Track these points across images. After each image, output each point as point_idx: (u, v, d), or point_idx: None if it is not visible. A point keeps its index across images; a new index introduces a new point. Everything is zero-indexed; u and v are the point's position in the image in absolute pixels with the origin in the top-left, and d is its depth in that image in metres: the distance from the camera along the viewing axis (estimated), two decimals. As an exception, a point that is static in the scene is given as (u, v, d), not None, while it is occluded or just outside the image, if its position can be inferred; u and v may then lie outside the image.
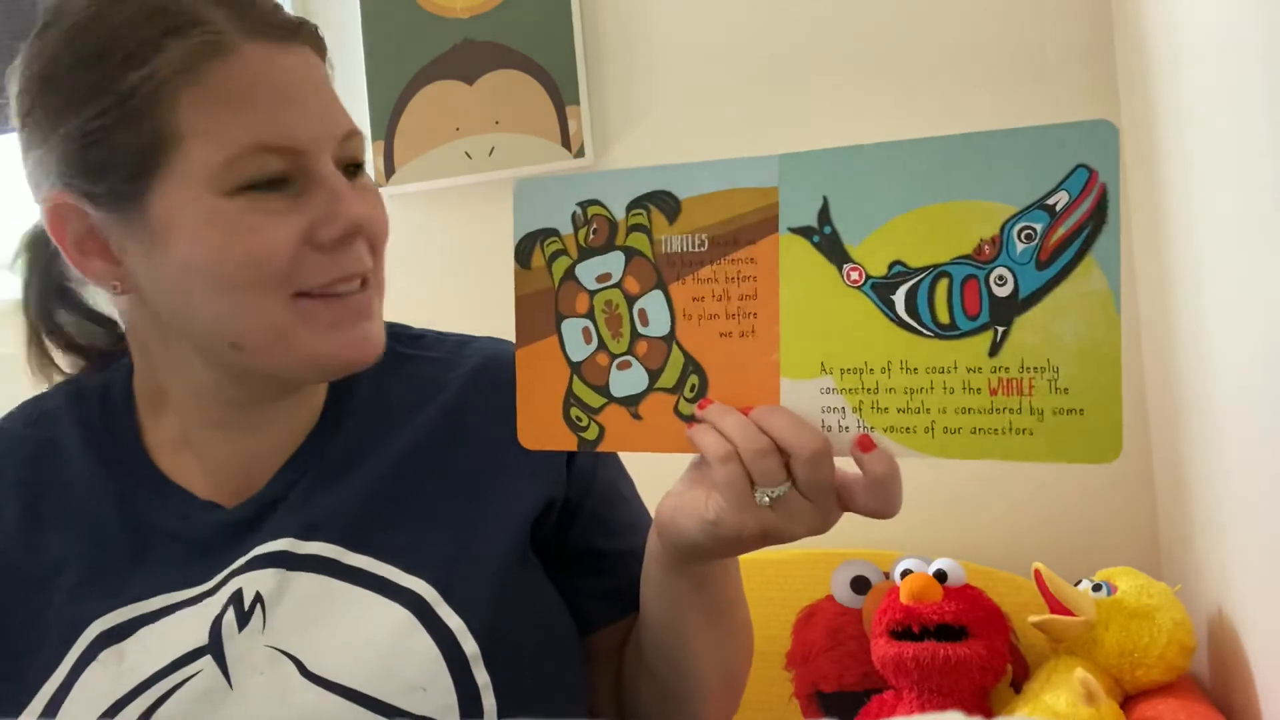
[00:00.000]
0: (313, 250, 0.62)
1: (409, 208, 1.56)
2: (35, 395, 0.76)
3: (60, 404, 0.73)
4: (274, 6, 0.64)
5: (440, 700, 0.61)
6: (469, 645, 0.63)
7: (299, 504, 0.67)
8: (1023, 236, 0.56)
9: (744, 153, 0.62)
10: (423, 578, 0.64)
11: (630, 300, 0.65)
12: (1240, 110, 0.89)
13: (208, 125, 0.60)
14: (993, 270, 0.57)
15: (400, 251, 0.70)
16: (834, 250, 0.60)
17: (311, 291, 0.63)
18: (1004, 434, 0.57)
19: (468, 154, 1.52)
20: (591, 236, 0.65)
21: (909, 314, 0.59)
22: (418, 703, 0.60)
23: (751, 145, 0.63)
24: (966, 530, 1.38)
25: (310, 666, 0.61)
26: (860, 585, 1.26)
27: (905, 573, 1.21)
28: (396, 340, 0.75)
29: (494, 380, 0.72)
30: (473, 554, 0.66)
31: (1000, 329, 0.57)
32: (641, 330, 0.64)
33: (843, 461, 0.60)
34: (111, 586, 0.65)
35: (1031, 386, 0.56)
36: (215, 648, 0.62)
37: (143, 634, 0.63)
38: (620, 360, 0.65)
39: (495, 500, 0.69)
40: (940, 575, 1.20)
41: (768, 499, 0.58)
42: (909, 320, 0.59)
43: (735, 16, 1.47)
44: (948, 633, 1.15)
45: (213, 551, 0.66)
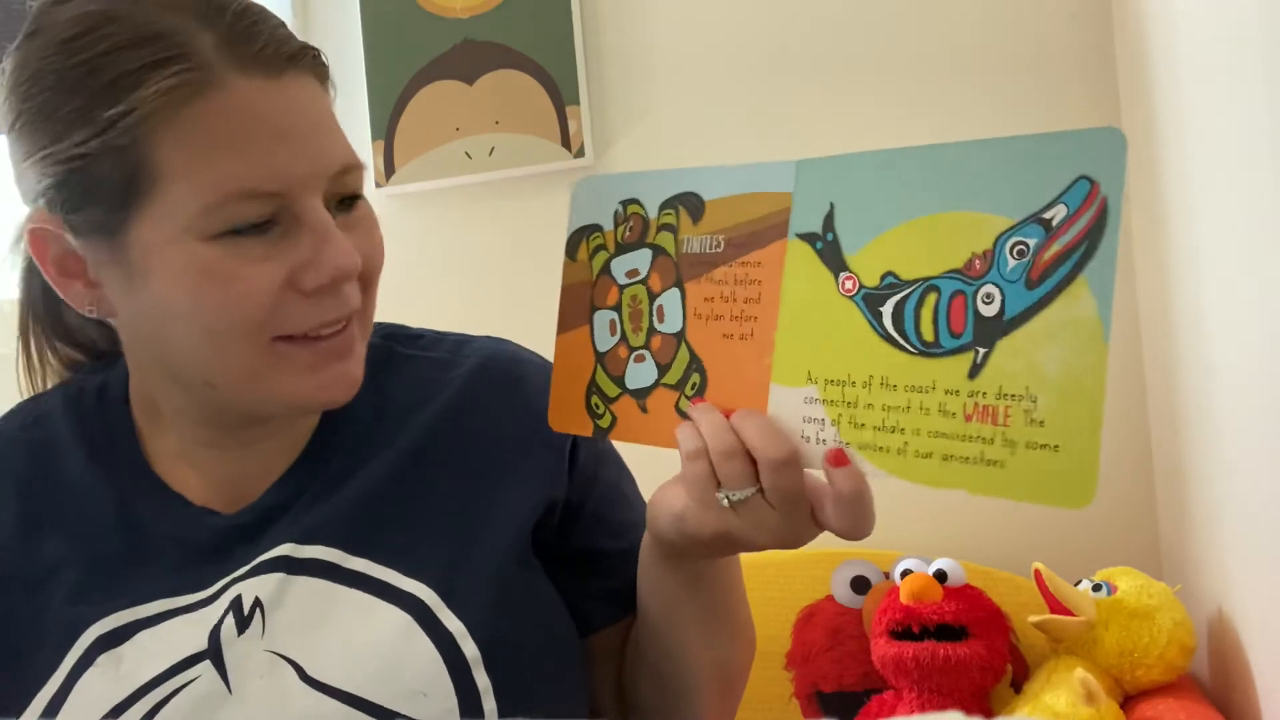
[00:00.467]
0: (295, 295, 0.60)
1: (409, 208, 1.56)
2: (32, 396, 0.75)
3: (58, 406, 0.72)
4: (272, 31, 0.60)
5: (441, 704, 0.61)
6: (469, 648, 0.62)
7: (299, 510, 0.67)
8: (1015, 252, 0.52)
9: (744, 153, 0.62)
10: (423, 581, 0.64)
11: (652, 296, 0.65)
12: (1240, 111, 0.89)
13: (187, 167, 0.57)
14: (981, 287, 0.53)
15: (400, 251, 0.70)
16: (833, 258, 0.58)
17: (293, 335, 0.61)
18: (974, 464, 0.52)
19: (468, 154, 1.52)
20: (628, 233, 0.66)
21: (895, 328, 0.55)
22: (418, 707, 0.60)
23: (751, 145, 0.63)
24: (966, 530, 1.38)
25: (310, 671, 0.61)
26: (860, 585, 1.26)
27: (905, 573, 1.21)
28: (395, 341, 0.74)
29: (493, 380, 0.72)
30: (473, 557, 0.66)
31: (982, 350, 0.52)
32: (658, 326, 0.65)
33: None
34: (109, 590, 0.64)
35: (1008, 415, 0.51)
36: (214, 653, 0.62)
37: (140, 638, 0.63)
38: (637, 353, 0.65)
39: (495, 502, 0.68)
40: (940, 575, 1.20)
41: (728, 500, 0.58)
42: (894, 335, 0.55)
43: (735, 17, 1.47)
44: (948, 633, 1.15)
45: (211, 558, 0.66)
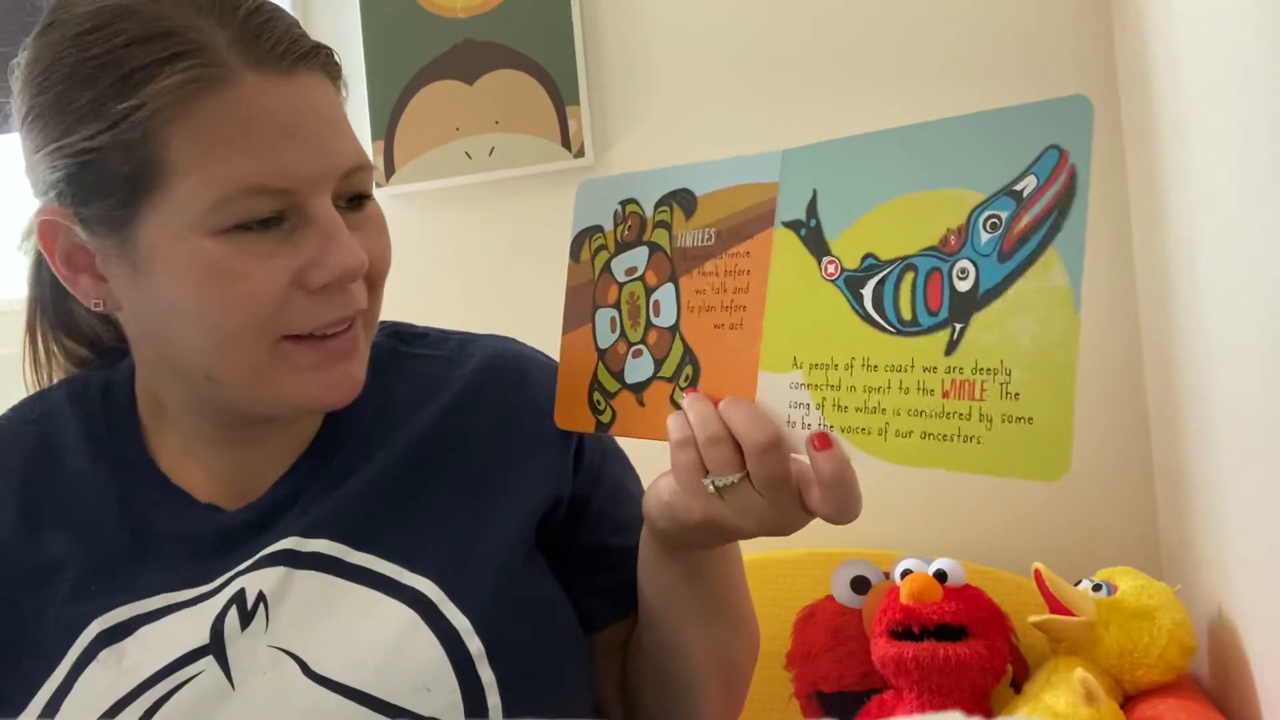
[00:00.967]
0: (302, 293, 0.60)
1: (409, 208, 1.56)
2: (37, 392, 0.75)
3: (62, 402, 0.72)
4: (286, 30, 0.60)
5: (445, 699, 0.61)
6: (473, 644, 0.62)
7: (303, 505, 0.67)
8: (988, 226, 0.51)
9: (744, 153, 0.63)
10: (427, 576, 0.64)
11: (649, 292, 0.66)
12: (1240, 110, 0.89)
13: (197, 162, 0.57)
14: (957, 262, 0.52)
15: (400, 251, 0.70)
16: (816, 243, 0.58)
17: (298, 334, 0.61)
18: (952, 441, 0.52)
19: (468, 154, 1.52)
20: (626, 232, 0.67)
21: (875, 309, 0.55)
22: (422, 702, 0.60)
23: (751, 145, 0.63)
24: (966, 530, 1.38)
25: (313, 666, 0.61)
26: (860, 585, 1.26)
27: (905, 573, 1.21)
28: (399, 340, 0.75)
29: (498, 378, 0.72)
30: (477, 552, 0.66)
31: (958, 326, 0.52)
32: (654, 320, 0.65)
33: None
34: (111, 586, 0.64)
35: (983, 390, 0.51)
36: (217, 648, 0.62)
37: (142, 634, 0.63)
38: (635, 349, 0.66)
39: (499, 498, 0.68)
40: (940, 575, 1.20)
41: (714, 486, 0.59)
42: (874, 316, 0.55)
43: (735, 17, 1.47)
44: (948, 633, 1.15)
45: (214, 553, 0.66)
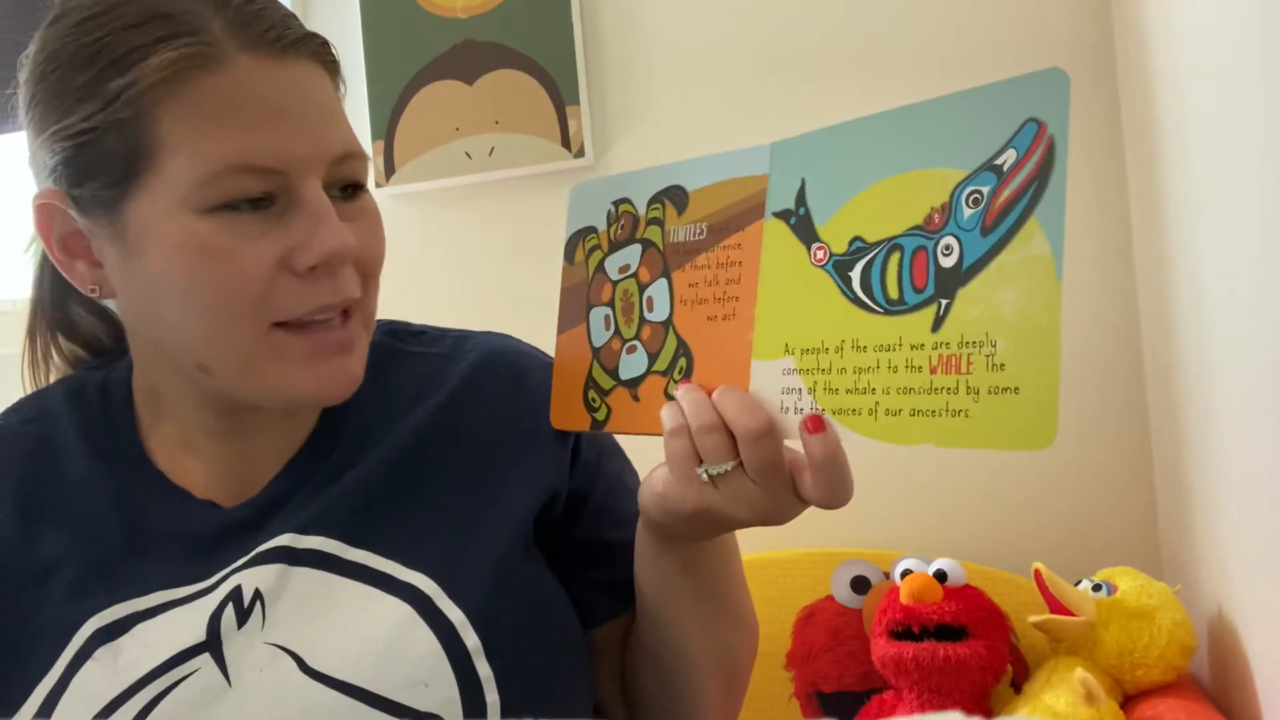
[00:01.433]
0: (290, 276, 0.60)
1: (409, 208, 1.56)
2: (34, 392, 0.75)
3: (59, 401, 0.72)
4: (281, 19, 0.61)
5: (442, 695, 0.61)
6: (470, 639, 0.62)
7: (299, 502, 0.67)
8: (970, 201, 0.52)
9: (744, 153, 0.63)
10: (423, 572, 0.64)
11: (642, 288, 0.66)
12: (1240, 110, 0.89)
13: (188, 139, 0.58)
14: (941, 239, 0.53)
15: (400, 251, 0.71)
16: (805, 231, 0.59)
17: (289, 322, 0.61)
18: (941, 416, 0.52)
19: (468, 154, 1.52)
20: (619, 231, 0.68)
21: (863, 291, 0.56)
22: (419, 698, 0.60)
23: (751, 144, 0.63)
24: (966, 530, 1.38)
25: (310, 663, 0.61)
26: (860, 585, 1.26)
27: (905, 573, 1.21)
28: (396, 337, 0.75)
29: (494, 374, 0.72)
30: (474, 548, 0.66)
31: (944, 302, 0.52)
32: (648, 316, 0.66)
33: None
34: (108, 584, 0.64)
35: (970, 364, 0.51)
36: (213, 645, 0.62)
37: (138, 631, 0.62)
38: (629, 345, 0.67)
39: (496, 494, 0.68)
40: (940, 575, 1.19)
41: (707, 475, 0.59)
42: (862, 297, 0.56)
43: (735, 17, 1.47)
44: (948, 633, 1.15)
45: (211, 551, 0.65)
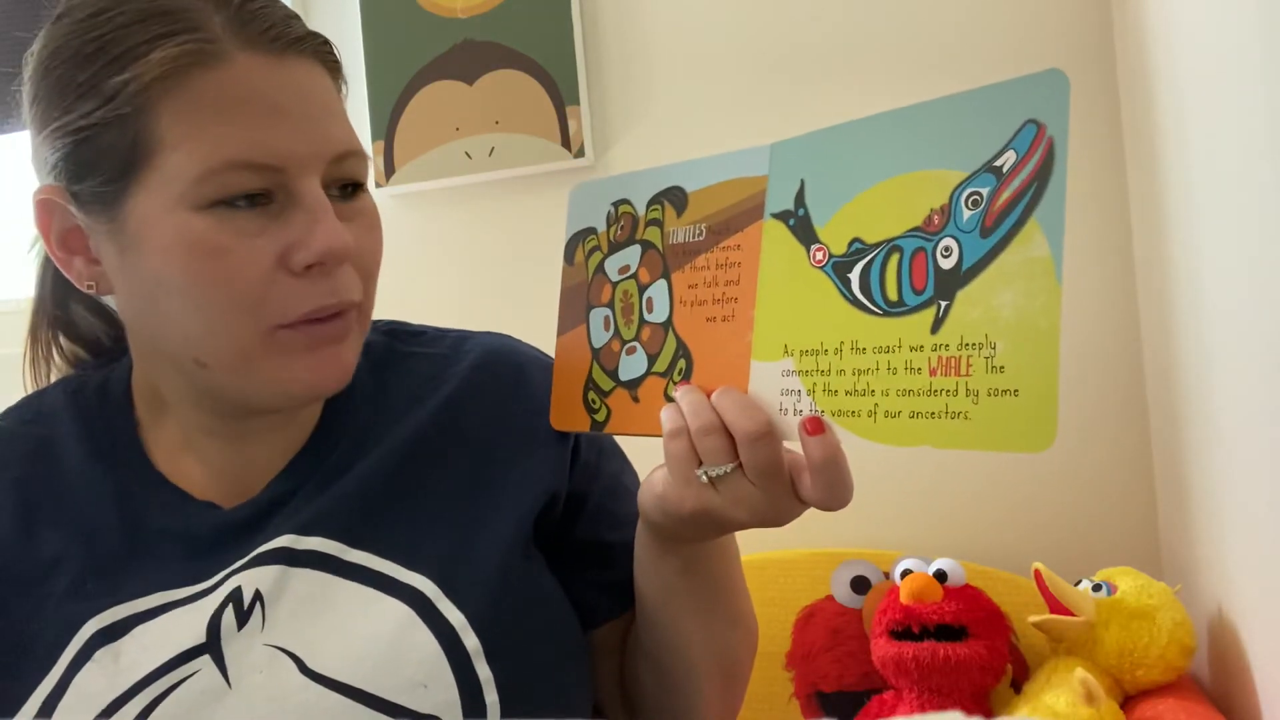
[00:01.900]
0: (288, 276, 0.60)
1: (409, 208, 1.56)
2: (33, 392, 0.75)
3: (59, 401, 0.72)
4: (282, 18, 0.61)
5: (442, 696, 0.60)
6: (470, 641, 0.62)
7: (299, 502, 0.67)
8: (969, 202, 0.52)
9: (743, 152, 0.63)
10: (423, 573, 0.64)
11: (642, 289, 0.66)
12: (1239, 110, 0.89)
13: (187, 135, 0.58)
14: (940, 241, 0.53)
15: (400, 251, 0.70)
16: (805, 232, 0.59)
17: (292, 323, 0.61)
18: (940, 418, 0.52)
19: (468, 154, 1.52)
20: (619, 232, 0.68)
21: (862, 292, 0.56)
22: (419, 699, 0.60)
23: (751, 145, 0.63)
24: (966, 530, 1.38)
25: (310, 664, 0.61)
26: (860, 585, 1.26)
27: (905, 573, 1.21)
28: (396, 337, 0.75)
29: (494, 374, 0.72)
30: (474, 549, 0.66)
31: (943, 304, 0.52)
32: (647, 317, 0.66)
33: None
34: (107, 585, 0.64)
35: (969, 365, 0.51)
36: (213, 646, 0.62)
37: (138, 632, 0.62)
38: (629, 346, 0.67)
39: (496, 495, 0.68)
40: (940, 575, 1.19)
41: (707, 476, 0.59)
42: (861, 298, 0.56)
43: (735, 17, 1.47)
44: (948, 633, 1.15)
45: (211, 552, 0.65)
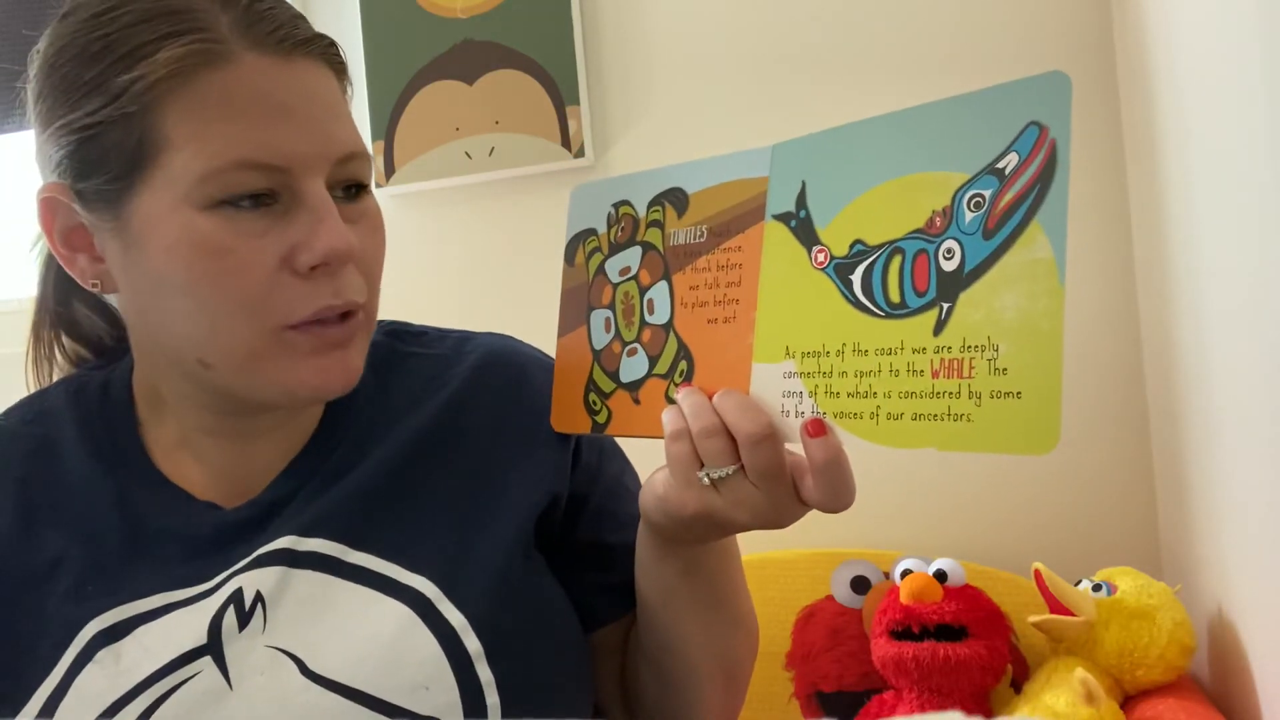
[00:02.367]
0: (291, 276, 0.60)
1: (409, 208, 1.56)
2: (35, 392, 0.75)
3: (60, 401, 0.72)
4: (289, 19, 0.62)
5: (443, 698, 0.61)
6: (472, 643, 0.62)
7: (300, 503, 0.67)
8: (972, 205, 0.52)
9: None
10: (425, 575, 0.64)
11: (642, 291, 0.66)
12: (1240, 110, 0.89)
13: (193, 135, 0.58)
14: (943, 243, 0.53)
15: (400, 251, 0.70)
16: (806, 233, 0.59)
17: (298, 325, 0.61)
18: (942, 420, 0.52)
19: (468, 154, 1.52)
20: (619, 233, 0.68)
21: (864, 294, 0.56)
22: (420, 701, 0.60)
23: (750, 145, 0.64)
24: (966, 530, 1.38)
25: (311, 666, 0.61)
26: (860, 585, 1.26)
27: (905, 573, 1.21)
28: (397, 338, 0.75)
29: (495, 376, 0.72)
30: (475, 551, 0.66)
31: (945, 306, 0.52)
32: (648, 319, 0.66)
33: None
34: (109, 586, 0.64)
35: (972, 368, 0.51)
36: (215, 648, 0.62)
37: (140, 633, 0.62)
38: (629, 347, 0.67)
39: (498, 496, 0.68)
40: (940, 575, 1.20)
41: (709, 479, 0.59)
42: (864, 300, 0.56)
43: (736, 17, 1.47)
44: (948, 633, 1.15)
45: (212, 552, 0.65)
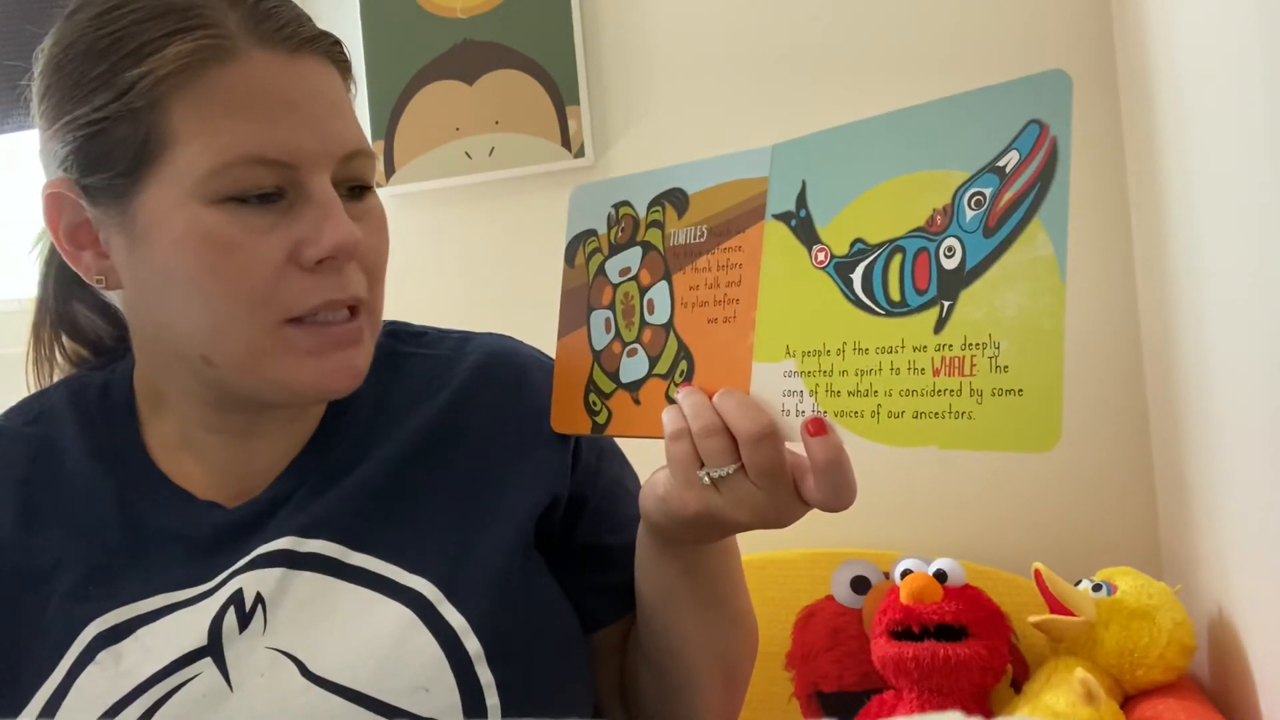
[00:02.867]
0: (297, 271, 0.60)
1: (409, 208, 1.56)
2: (35, 393, 0.75)
3: (61, 402, 0.72)
4: (295, 16, 0.62)
5: (443, 700, 0.61)
6: (472, 644, 0.62)
7: (300, 505, 0.67)
8: (972, 203, 0.52)
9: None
10: (425, 577, 0.64)
11: (643, 291, 0.66)
12: (1239, 109, 0.89)
13: (200, 130, 0.58)
14: (943, 241, 0.53)
15: (400, 251, 0.71)
16: (806, 233, 0.59)
17: (301, 318, 0.61)
18: (944, 418, 0.52)
19: (468, 154, 1.52)
20: (620, 234, 0.68)
21: (865, 293, 0.56)
22: (420, 703, 0.60)
23: (751, 145, 0.64)
24: (966, 530, 1.38)
25: (311, 667, 0.61)
26: (860, 585, 1.26)
27: (905, 573, 1.21)
28: (397, 339, 0.75)
29: (496, 376, 0.72)
30: (475, 552, 0.66)
31: (946, 304, 0.52)
32: (648, 319, 0.66)
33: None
34: (110, 587, 0.64)
35: (973, 365, 0.51)
36: (215, 649, 0.62)
37: (141, 635, 0.62)
38: (630, 348, 0.67)
39: (498, 498, 0.68)
40: (940, 575, 1.20)
41: (709, 478, 0.59)
42: (864, 299, 0.56)
43: (736, 17, 1.47)
44: (948, 633, 1.15)
45: (213, 552, 0.65)
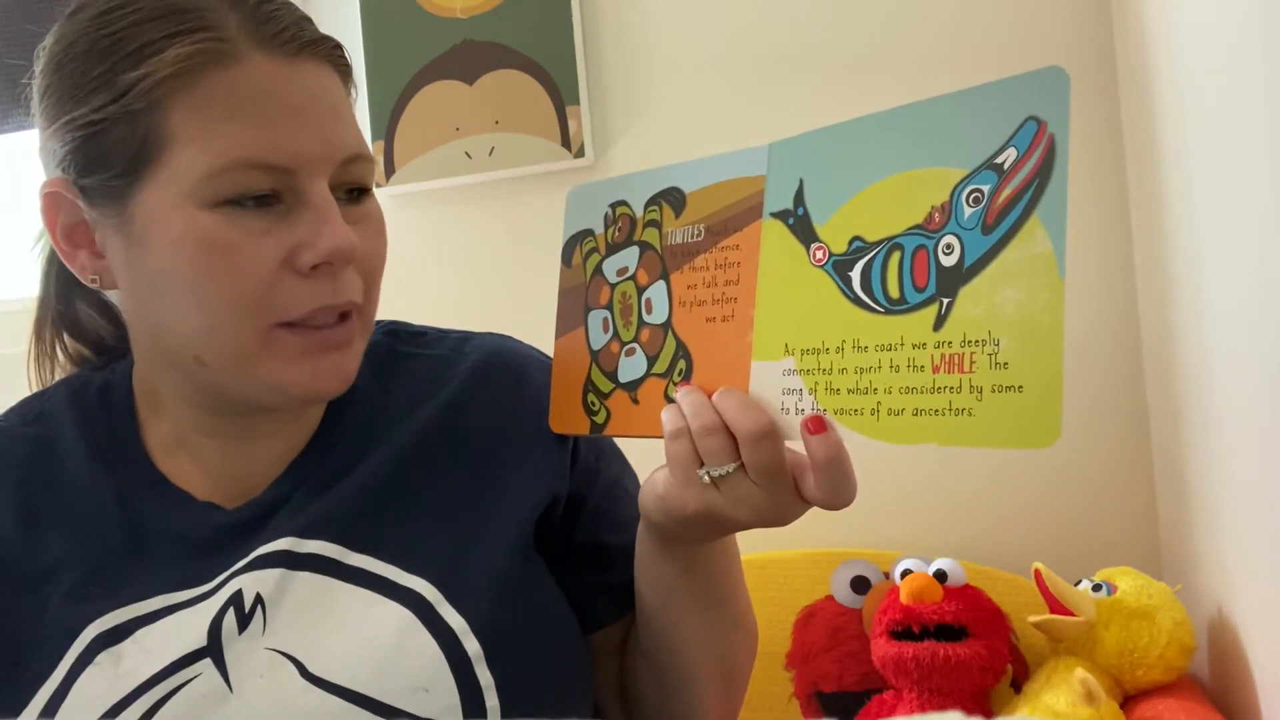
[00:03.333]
0: (292, 275, 0.60)
1: (409, 207, 1.56)
2: (35, 393, 0.75)
3: (60, 402, 0.72)
4: (296, 20, 0.62)
5: (443, 701, 0.61)
6: (471, 645, 0.62)
7: (300, 506, 0.67)
8: (971, 200, 0.52)
9: (743, 152, 0.63)
10: (424, 577, 0.64)
11: (640, 291, 0.66)
12: (1239, 109, 0.89)
13: (199, 133, 0.58)
14: (942, 238, 0.53)
15: (400, 251, 0.71)
16: (804, 231, 0.59)
17: (292, 322, 0.61)
18: (944, 415, 0.52)
19: (468, 154, 1.52)
20: (617, 234, 0.68)
21: (863, 290, 0.56)
22: (420, 703, 0.60)
23: (751, 144, 0.63)
24: (966, 530, 1.38)
25: (311, 668, 0.61)
26: (860, 585, 1.26)
27: (905, 573, 1.21)
28: (397, 338, 0.75)
29: (495, 376, 0.72)
30: (475, 553, 0.66)
31: (945, 301, 0.52)
32: (646, 318, 0.66)
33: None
34: (109, 588, 0.64)
35: (973, 362, 0.51)
36: (214, 650, 0.62)
37: (140, 636, 0.62)
38: (628, 347, 0.66)
39: (497, 498, 0.68)
40: (940, 575, 1.20)
41: (709, 477, 0.59)
42: (863, 297, 0.56)
43: (735, 17, 1.47)
44: (948, 633, 1.15)
45: (212, 553, 0.65)
